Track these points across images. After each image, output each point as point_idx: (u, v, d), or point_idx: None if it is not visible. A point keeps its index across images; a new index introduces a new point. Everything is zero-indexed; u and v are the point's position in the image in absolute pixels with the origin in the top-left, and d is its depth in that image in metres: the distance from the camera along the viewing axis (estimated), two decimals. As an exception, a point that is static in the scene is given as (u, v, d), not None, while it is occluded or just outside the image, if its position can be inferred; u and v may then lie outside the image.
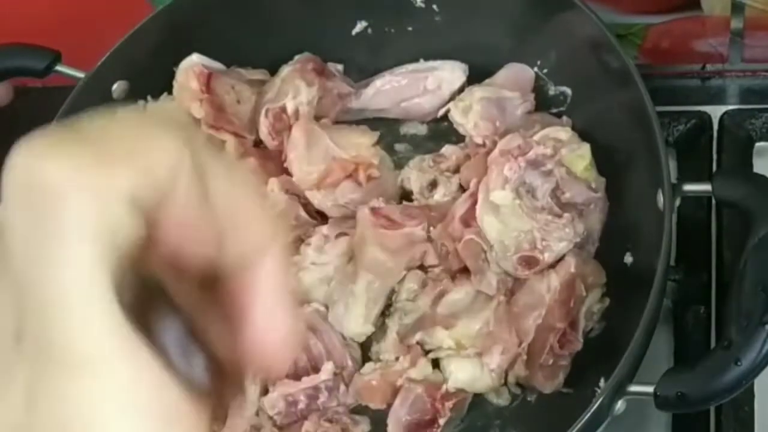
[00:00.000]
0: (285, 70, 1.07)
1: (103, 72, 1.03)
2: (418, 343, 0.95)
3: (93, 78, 1.03)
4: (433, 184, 1.02)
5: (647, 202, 0.91)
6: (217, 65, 1.06)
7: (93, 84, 1.03)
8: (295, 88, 1.05)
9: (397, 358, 0.95)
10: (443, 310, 0.96)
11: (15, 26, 1.12)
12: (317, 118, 1.06)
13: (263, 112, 1.05)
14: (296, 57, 1.09)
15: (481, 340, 0.93)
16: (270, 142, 1.06)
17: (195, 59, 1.04)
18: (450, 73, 1.07)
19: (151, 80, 1.06)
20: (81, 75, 1.03)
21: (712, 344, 0.96)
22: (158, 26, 1.05)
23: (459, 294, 0.96)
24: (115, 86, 1.04)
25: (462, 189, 1.01)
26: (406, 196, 1.03)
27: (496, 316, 0.92)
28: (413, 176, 1.03)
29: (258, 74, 1.09)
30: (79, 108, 1.01)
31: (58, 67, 1.06)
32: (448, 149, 1.04)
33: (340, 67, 1.10)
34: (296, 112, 1.05)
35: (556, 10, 1.00)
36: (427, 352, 0.95)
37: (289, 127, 1.04)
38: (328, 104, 1.08)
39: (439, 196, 1.01)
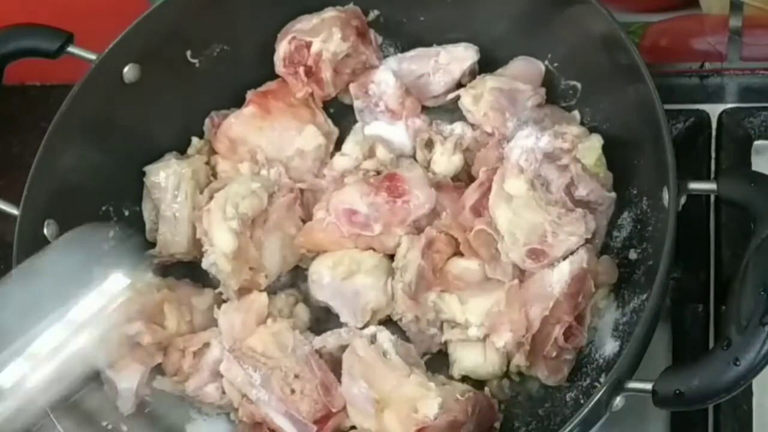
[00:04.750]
0: (329, 13, 1.07)
1: (115, 54, 1.03)
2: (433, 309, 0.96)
3: (105, 60, 1.03)
4: (429, 144, 1.03)
5: (652, 198, 0.91)
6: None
7: (105, 66, 1.03)
8: (329, 34, 1.06)
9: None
10: (453, 270, 0.97)
11: (28, 8, 1.13)
12: (334, 71, 1.07)
13: (289, 37, 1.06)
14: (346, 6, 1.09)
15: (491, 319, 0.93)
16: (279, 68, 1.07)
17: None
18: (462, 50, 1.07)
19: (162, 64, 1.06)
20: (93, 57, 1.03)
21: (711, 342, 0.96)
22: (171, 9, 1.05)
23: (472, 264, 0.97)
24: (126, 69, 1.04)
25: (468, 171, 1.03)
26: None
27: (508, 297, 0.93)
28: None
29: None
30: (91, 90, 1.02)
31: (71, 48, 1.05)
32: (458, 125, 1.04)
33: (380, 39, 1.11)
34: (319, 54, 1.05)
35: (568, 4, 1.00)
36: (441, 325, 0.96)
37: (305, 65, 1.05)
38: (350, 65, 1.08)
39: (437, 155, 1.02)
